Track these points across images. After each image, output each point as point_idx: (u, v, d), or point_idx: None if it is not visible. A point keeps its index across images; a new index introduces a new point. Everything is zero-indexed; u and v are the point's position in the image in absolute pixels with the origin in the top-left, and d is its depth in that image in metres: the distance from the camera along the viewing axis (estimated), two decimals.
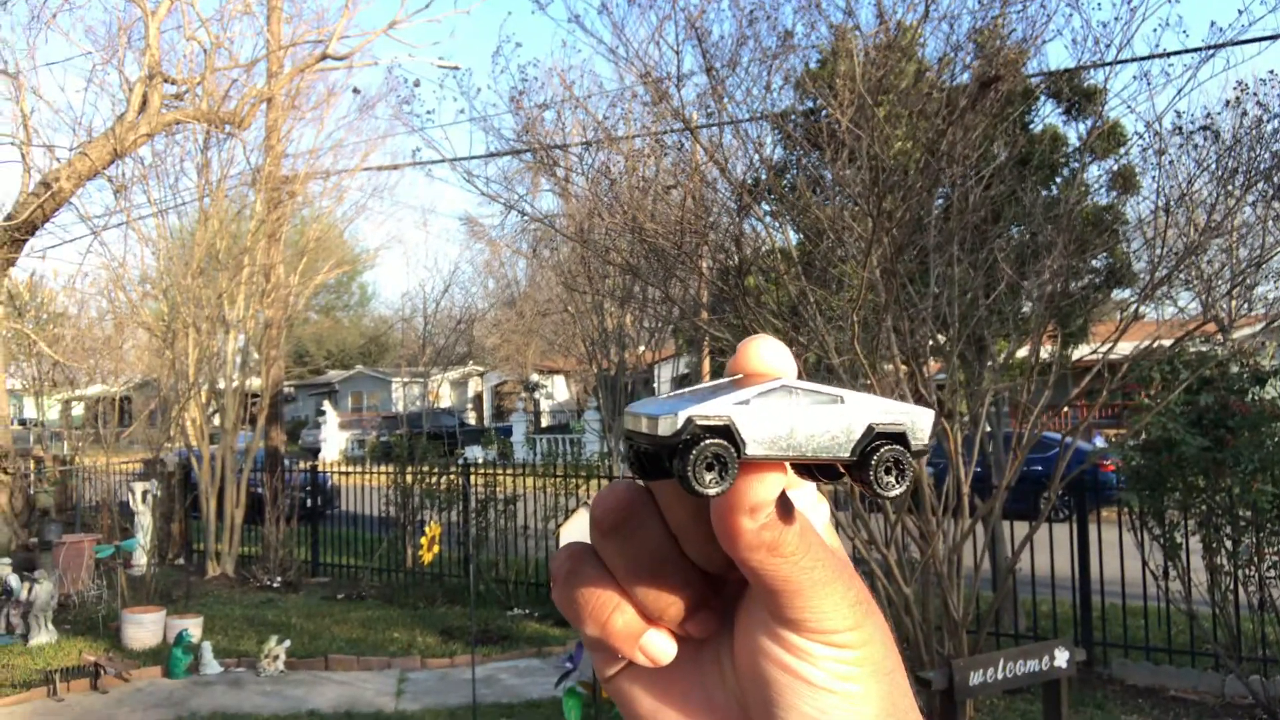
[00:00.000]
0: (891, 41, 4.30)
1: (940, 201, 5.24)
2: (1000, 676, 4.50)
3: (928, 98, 4.30)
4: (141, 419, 15.71)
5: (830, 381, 5.67)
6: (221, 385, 13.97)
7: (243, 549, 13.74)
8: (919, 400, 4.94)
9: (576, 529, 5.92)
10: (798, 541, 0.40)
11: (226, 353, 13.86)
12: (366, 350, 50.64)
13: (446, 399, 44.13)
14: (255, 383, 14.94)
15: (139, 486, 12.77)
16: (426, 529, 7.13)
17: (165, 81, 10.36)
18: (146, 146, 12.61)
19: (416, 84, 9.62)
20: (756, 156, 5.07)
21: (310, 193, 14.88)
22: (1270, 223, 7.68)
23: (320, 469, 15.06)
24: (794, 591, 0.41)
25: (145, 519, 12.44)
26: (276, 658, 8.72)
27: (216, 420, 14.46)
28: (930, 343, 5.67)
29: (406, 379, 36.40)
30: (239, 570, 13.36)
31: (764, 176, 5.18)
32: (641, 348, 13.43)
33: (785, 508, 0.40)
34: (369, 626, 10.37)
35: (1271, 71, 5.78)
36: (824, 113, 4.98)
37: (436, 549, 7.09)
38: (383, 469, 13.65)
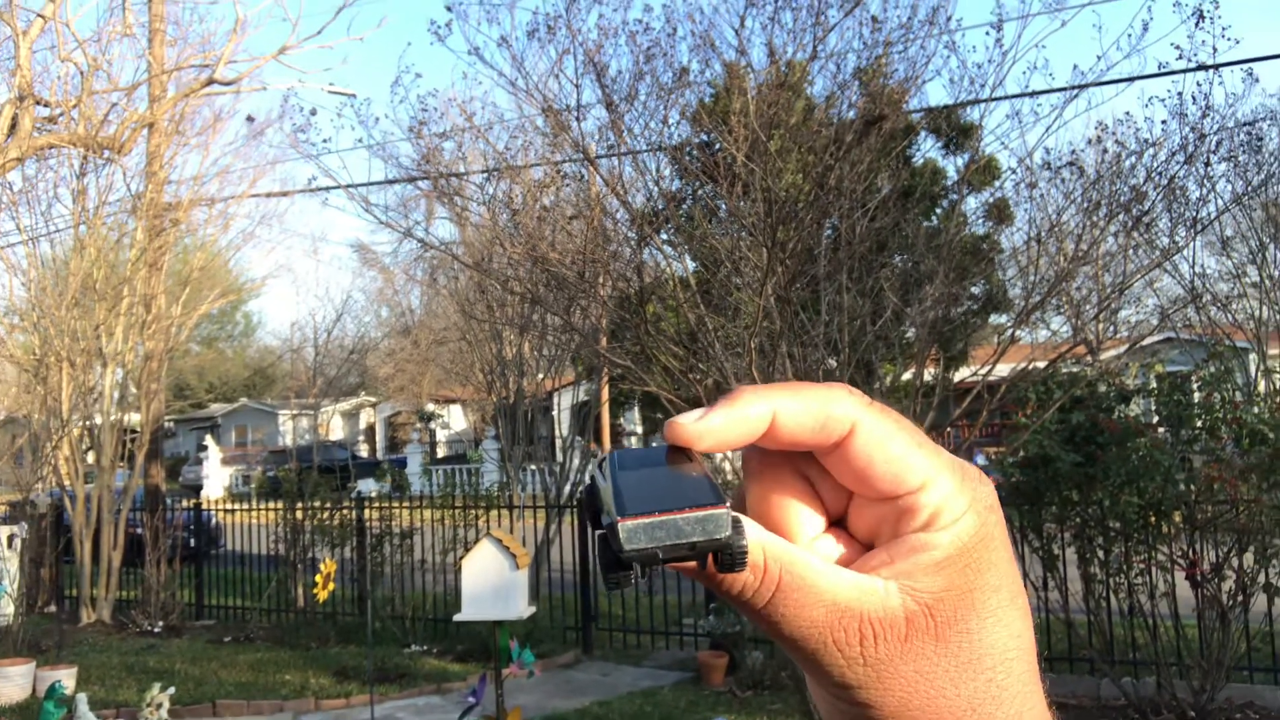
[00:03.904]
0: (783, 80, 4.48)
1: (829, 232, 5.45)
2: None
3: (817, 134, 4.49)
4: (7, 458, 14.81)
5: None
6: (98, 421, 13.31)
7: (121, 593, 13.06)
8: None
9: (479, 561, 5.87)
10: (748, 583, 0.42)
11: (103, 387, 13.22)
12: (251, 382, 48.92)
13: (338, 431, 42.99)
14: (134, 418, 14.28)
15: (4, 530, 12.03)
16: (321, 566, 6.94)
17: (37, 103, 9.90)
18: (16, 171, 12.00)
19: (313, 112, 9.43)
20: (655, 188, 5.18)
21: (195, 220, 14.39)
22: (1131, 251, 8.23)
23: (205, 507, 14.48)
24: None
25: (11, 565, 11.71)
26: (160, 706, 8.30)
27: (91, 458, 13.75)
28: (822, 368, 5.86)
29: (295, 411, 35.34)
30: (117, 616, 12.69)
31: (662, 208, 5.30)
32: (540, 375, 13.41)
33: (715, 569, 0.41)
34: (259, 669, 9.98)
35: (1128, 113, 6.25)
36: (718, 146, 5.13)
37: (331, 586, 6.91)
38: (271, 505, 13.20)
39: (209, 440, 37.27)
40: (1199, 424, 7.59)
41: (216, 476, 34.96)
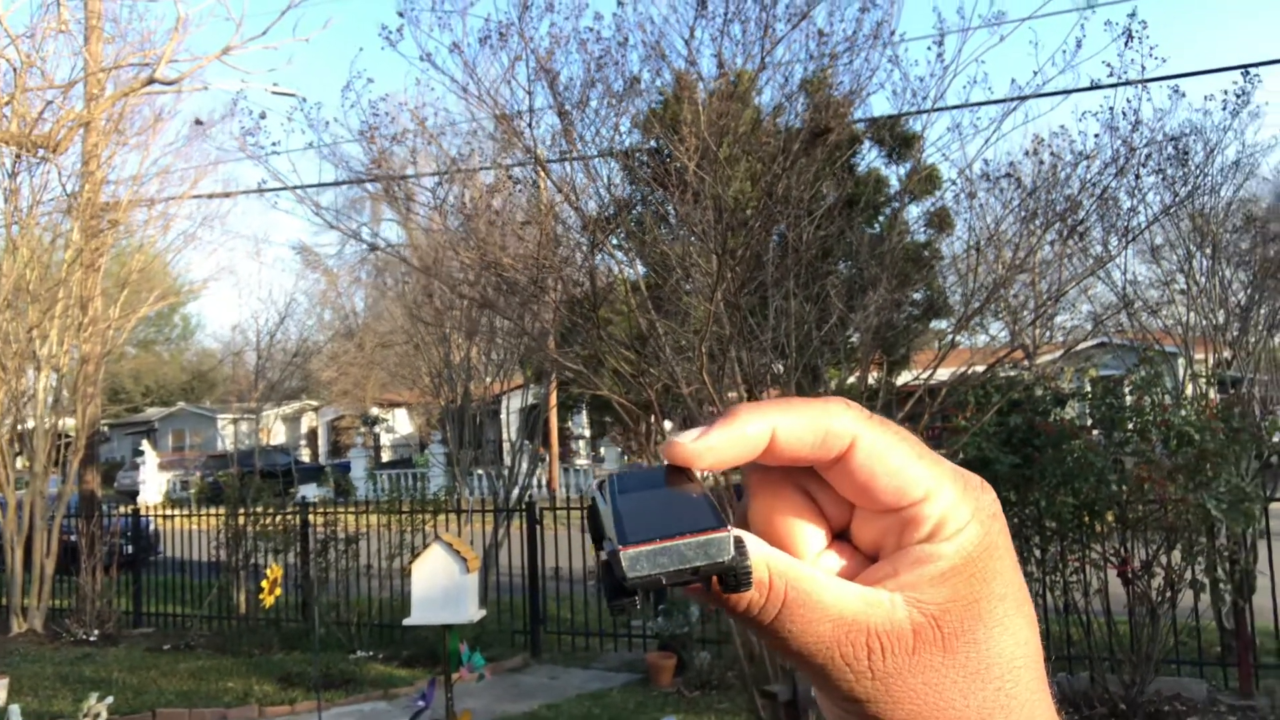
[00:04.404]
0: (732, 91, 4.57)
1: (776, 240, 5.56)
2: None
3: (765, 144, 4.59)
4: None
5: (678, 410, 5.90)
6: (31, 425, 12.96)
7: (54, 602, 12.73)
8: None
9: (429, 565, 5.87)
10: (754, 600, 0.42)
11: (37, 391, 12.87)
12: (189, 386, 47.91)
13: (279, 436, 42.28)
14: (68, 423, 13.93)
15: None
16: (267, 572, 6.87)
17: None
18: None
19: (263, 116, 9.21)
20: (607, 194, 5.25)
21: (134, 221, 14.07)
22: (1066, 259, 8.49)
23: (143, 513, 14.18)
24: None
25: None
26: (97, 716, 8.12)
27: (23, 463, 13.38)
28: (769, 372, 5.97)
29: (235, 415, 34.66)
30: (49, 625, 12.37)
31: (614, 213, 5.37)
32: (489, 379, 13.36)
33: (720, 590, 0.41)
34: (200, 677, 9.82)
35: (1063, 126, 6.46)
36: (667, 153, 5.21)
37: (278, 592, 6.84)
38: (211, 511, 12.99)
39: (145, 445, 36.42)
40: (1130, 426, 7.84)
41: (153, 482, 34.20)
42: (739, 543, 0.40)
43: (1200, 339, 10.02)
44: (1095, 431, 8.20)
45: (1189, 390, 9.04)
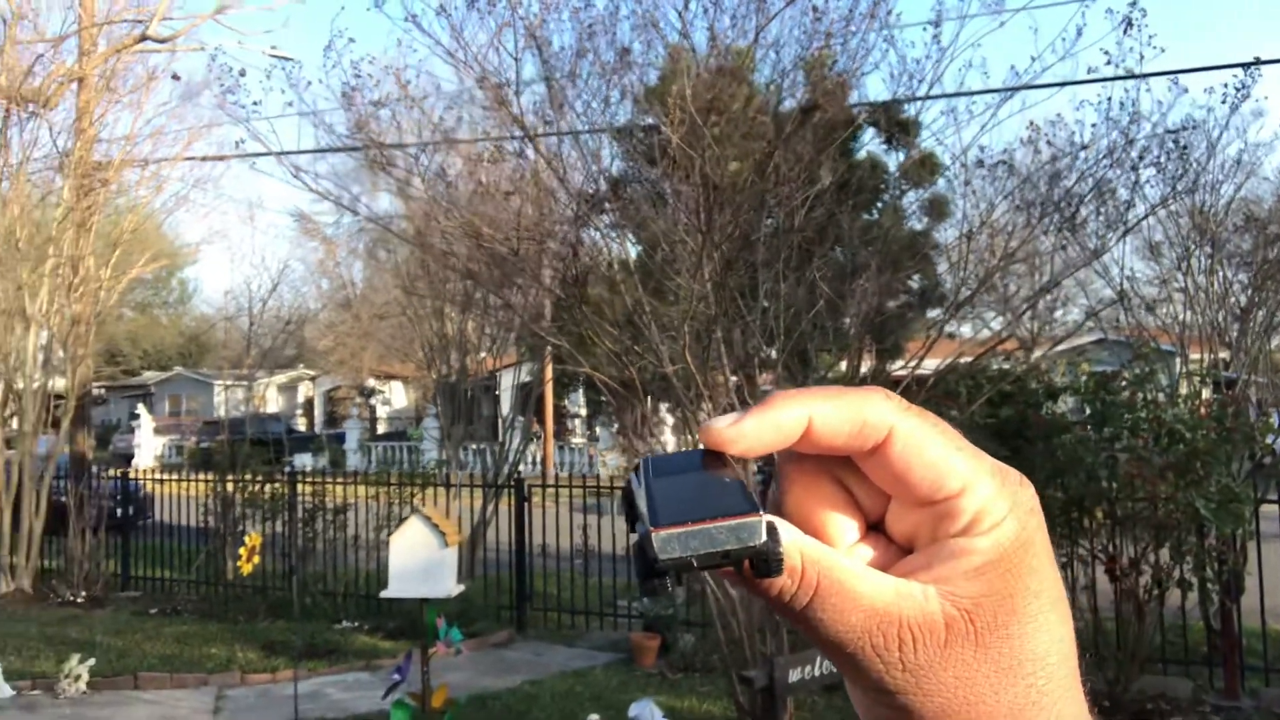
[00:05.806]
0: (722, 66, 4.48)
1: (769, 221, 5.49)
2: (818, 673, 4.72)
3: (754, 121, 4.50)
4: None
5: (667, 390, 5.84)
6: (20, 385, 12.90)
7: (42, 563, 12.72)
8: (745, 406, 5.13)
9: (408, 538, 5.82)
10: (785, 586, 0.42)
11: (26, 350, 12.81)
12: (186, 351, 47.84)
13: (274, 404, 42.27)
14: (61, 383, 13.88)
15: None
16: (246, 539, 6.84)
17: None
18: None
19: (242, 73, 8.95)
20: (595, 168, 5.16)
21: (126, 181, 13.94)
22: (1061, 250, 8.40)
23: (133, 476, 14.16)
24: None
25: None
26: (78, 678, 8.13)
27: (15, 424, 13.33)
28: (759, 356, 5.91)
29: (230, 382, 34.67)
30: (37, 585, 12.36)
31: (604, 189, 5.29)
32: (483, 354, 13.31)
33: (752, 577, 0.41)
34: (184, 642, 9.82)
35: (1059, 114, 6.36)
36: (661, 130, 5.12)
37: (257, 559, 6.81)
38: (201, 476, 12.97)
39: (141, 408, 36.42)
40: (1122, 422, 7.77)
41: (149, 445, 34.21)
42: (771, 528, 0.40)
43: (1196, 338, 9.95)
44: (1087, 427, 8.13)
45: (1183, 389, 8.98)
